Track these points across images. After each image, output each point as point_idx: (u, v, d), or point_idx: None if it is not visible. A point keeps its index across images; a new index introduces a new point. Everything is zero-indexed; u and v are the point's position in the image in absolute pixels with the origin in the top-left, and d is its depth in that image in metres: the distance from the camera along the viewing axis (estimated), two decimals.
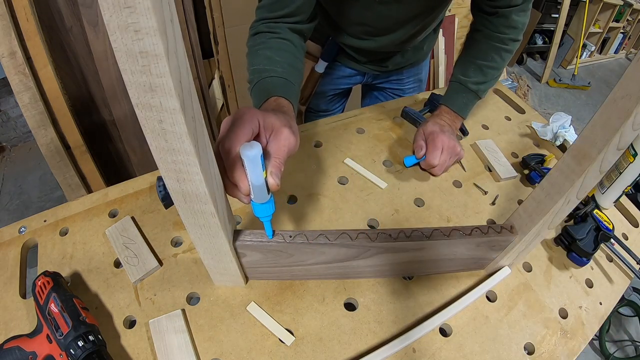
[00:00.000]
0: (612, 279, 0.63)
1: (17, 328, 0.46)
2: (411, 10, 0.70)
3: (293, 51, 0.62)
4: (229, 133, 0.38)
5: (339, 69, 0.94)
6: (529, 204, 0.48)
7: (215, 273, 0.49)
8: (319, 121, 0.80)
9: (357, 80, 0.98)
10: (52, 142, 1.28)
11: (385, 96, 1.02)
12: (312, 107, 1.06)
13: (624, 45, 4.00)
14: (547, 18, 3.05)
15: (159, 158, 0.31)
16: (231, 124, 0.39)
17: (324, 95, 1.01)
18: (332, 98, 1.03)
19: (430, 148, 0.69)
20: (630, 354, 1.45)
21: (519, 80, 3.06)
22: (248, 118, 0.39)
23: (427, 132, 0.71)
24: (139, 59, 0.24)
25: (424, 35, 0.82)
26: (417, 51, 0.90)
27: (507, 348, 0.50)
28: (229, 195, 0.41)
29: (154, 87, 0.25)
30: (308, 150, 0.72)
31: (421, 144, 0.70)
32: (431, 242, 0.47)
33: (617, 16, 3.42)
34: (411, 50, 0.88)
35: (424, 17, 0.73)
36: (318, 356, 0.46)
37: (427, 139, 0.70)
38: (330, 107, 1.07)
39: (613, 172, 0.70)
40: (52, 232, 0.56)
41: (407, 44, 0.83)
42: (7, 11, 1.11)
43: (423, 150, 0.69)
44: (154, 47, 0.23)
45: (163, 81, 0.25)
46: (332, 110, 1.08)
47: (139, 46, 0.23)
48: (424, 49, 0.92)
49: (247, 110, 0.41)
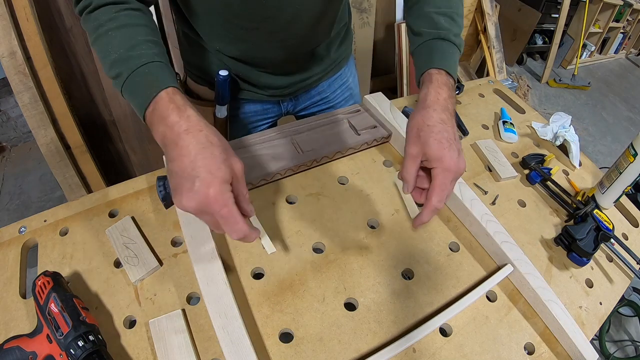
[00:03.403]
0: (612, 279, 0.63)
1: (17, 328, 0.46)
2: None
3: (150, 25, 0.50)
4: (223, 206, 0.40)
5: (244, 107, 0.80)
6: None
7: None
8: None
9: (275, 113, 0.85)
10: (52, 142, 1.28)
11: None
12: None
13: (624, 45, 4.00)
14: (547, 18, 3.05)
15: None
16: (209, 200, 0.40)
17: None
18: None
19: (435, 182, 0.46)
20: (630, 354, 1.45)
21: (519, 80, 3.06)
22: (222, 189, 0.40)
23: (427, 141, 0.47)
24: None
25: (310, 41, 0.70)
26: (315, 59, 0.76)
27: (507, 348, 0.50)
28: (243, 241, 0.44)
29: None
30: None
31: (410, 172, 0.48)
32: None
33: (617, 16, 3.43)
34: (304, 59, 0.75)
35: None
36: (318, 356, 0.46)
37: (429, 155, 0.47)
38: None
39: (613, 172, 0.70)
40: (52, 232, 0.56)
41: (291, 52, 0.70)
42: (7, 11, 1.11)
43: (411, 183, 0.48)
44: None
45: None
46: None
47: None
48: (330, 53, 0.78)
49: (213, 184, 0.40)
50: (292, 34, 0.66)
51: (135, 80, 0.45)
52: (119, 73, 0.46)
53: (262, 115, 0.84)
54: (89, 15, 0.48)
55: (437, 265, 0.57)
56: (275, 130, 0.71)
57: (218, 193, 0.40)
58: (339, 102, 0.89)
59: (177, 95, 0.45)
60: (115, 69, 0.46)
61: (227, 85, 0.72)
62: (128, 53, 0.46)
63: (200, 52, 0.72)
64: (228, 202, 0.41)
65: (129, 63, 0.45)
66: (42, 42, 1.18)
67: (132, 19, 0.48)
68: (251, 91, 0.78)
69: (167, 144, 0.43)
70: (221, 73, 0.70)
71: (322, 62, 0.79)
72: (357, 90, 0.95)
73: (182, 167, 0.41)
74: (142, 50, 0.46)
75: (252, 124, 0.85)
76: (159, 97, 0.44)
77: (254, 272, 0.53)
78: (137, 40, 0.47)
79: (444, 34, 0.57)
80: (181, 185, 0.41)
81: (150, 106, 0.44)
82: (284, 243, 0.57)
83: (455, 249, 0.60)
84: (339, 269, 0.55)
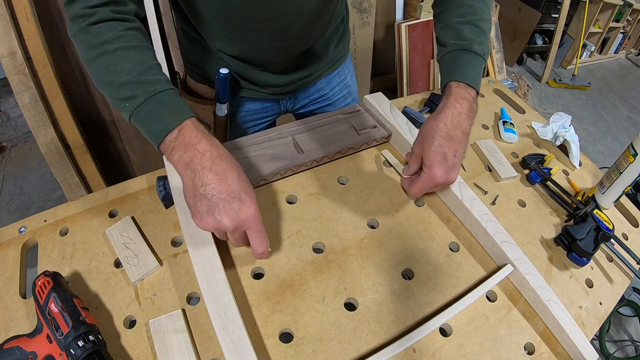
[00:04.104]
0: (612, 279, 0.63)
1: (17, 328, 0.46)
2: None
3: (153, 47, 0.50)
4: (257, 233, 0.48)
5: (244, 105, 0.81)
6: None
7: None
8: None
9: (275, 111, 0.85)
10: (52, 142, 1.28)
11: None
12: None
13: (624, 45, 4.00)
14: (547, 18, 3.05)
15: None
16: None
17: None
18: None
19: (418, 182, 0.58)
20: (630, 354, 1.45)
21: (519, 80, 3.06)
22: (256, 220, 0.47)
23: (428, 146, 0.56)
24: None
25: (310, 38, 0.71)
26: (313, 59, 0.77)
27: (507, 348, 0.50)
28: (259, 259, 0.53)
29: None
30: None
31: (411, 166, 0.60)
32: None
33: (617, 16, 3.43)
34: (303, 57, 0.75)
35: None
36: (318, 356, 0.46)
37: (425, 152, 0.56)
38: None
39: (613, 172, 0.70)
40: (52, 232, 0.56)
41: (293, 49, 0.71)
42: (7, 11, 1.11)
43: (410, 170, 0.60)
44: None
45: None
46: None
47: None
48: (328, 52, 0.78)
49: (250, 215, 0.46)
50: (293, 33, 0.66)
51: (154, 106, 0.46)
52: (133, 95, 0.46)
53: (262, 114, 0.84)
54: (90, 27, 0.45)
55: (437, 265, 0.57)
56: (275, 130, 0.71)
57: (256, 211, 0.47)
58: (337, 100, 0.90)
59: (199, 123, 0.48)
60: (128, 91, 0.46)
61: (227, 84, 0.72)
62: (142, 77, 0.46)
63: (201, 51, 0.72)
64: (261, 219, 0.48)
65: (145, 87, 0.46)
66: (42, 42, 1.18)
67: (140, 40, 0.48)
68: (251, 89, 0.78)
69: (196, 169, 0.46)
70: (221, 71, 0.70)
71: (321, 60, 0.80)
72: (355, 88, 0.95)
73: (221, 190, 0.45)
74: (155, 76, 0.47)
75: (251, 122, 0.85)
76: (185, 124, 0.47)
77: (254, 272, 0.53)
78: (149, 65, 0.47)
79: (467, 44, 0.58)
80: (219, 206, 0.45)
81: (173, 132, 0.47)
82: (284, 243, 0.57)
83: (455, 249, 0.60)
84: (339, 269, 0.55)
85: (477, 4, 0.60)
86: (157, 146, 0.49)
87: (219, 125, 0.79)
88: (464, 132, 0.57)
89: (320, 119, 0.74)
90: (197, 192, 0.46)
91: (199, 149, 0.46)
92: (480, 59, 0.59)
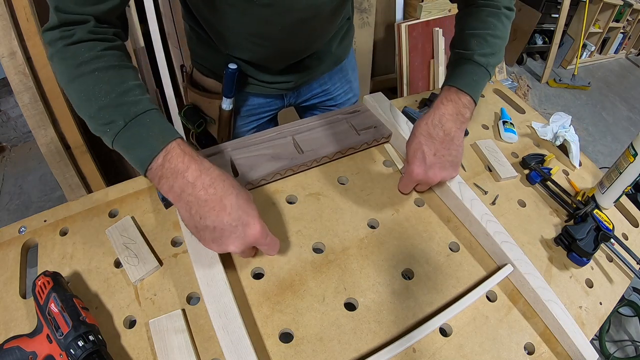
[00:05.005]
0: (612, 279, 0.63)
1: (17, 328, 0.46)
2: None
3: (135, 66, 0.47)
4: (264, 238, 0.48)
5: (249, 99, 0.82)
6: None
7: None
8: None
9: (278, 105, 0.87)
10: (52, 142, 1.28)
11: (322, 111, 0.92)
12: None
13: (624, 45, 4.00)
14: (547, 18, 3.05)
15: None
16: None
17: (245, 132, 0.87)
18: (256, 131, 0.85)
19: (401, 179, 0.63)
20: (630, 354, 1.45)
21: (519, 80, 3.06)
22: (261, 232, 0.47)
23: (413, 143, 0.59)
24: None
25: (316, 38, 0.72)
26: (316, 57, 0.78)
27: (507, 348, 0.50)
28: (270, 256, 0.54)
29: None
30: None
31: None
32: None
33: (617, 16, 3.43)
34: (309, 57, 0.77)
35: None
36: (318, 356, 0.46)
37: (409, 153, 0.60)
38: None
39: (613, 172, 0.70)
40: (52, 232, 0.56)
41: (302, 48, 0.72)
42: (7, 11, 1.11)
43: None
44: None
45: None
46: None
47: None
48: (332, 50, 0.80)
49: (255, 226, 0.46)
50: (303, 47, 0.71)
51: (135, 129, 0.42)
52: (112, 120, 0.42)
53: (265, 107, 0.85)
54: (67, 47, 0.43)
55: (437, 265, 0.57)
56: (275, 130, 0.71)
57: (261, 228, 0.47)
58: (338, 95, 0.92)
59: (186, 145, 0.44)
60: (106, 116, 0.42)
61: (235, 79, 0.73)
62: (122, 98, 0.42)
63: (209, 48, 0.73)
64: (268, 232, 0.49)
65: (125, 109, 0.42)
66: (42, 42, 1.18)
67: (121, 60, 0.45)
68: (257, 85, 0.79)
69: (190, 201, 0.44)
70: (230, 66, 0.72)
71: (327, 59, 0.82)
72: (356, 84, 0.96)
73: (222, 220, 0.44)
74: (136, 97, 0.43)
75: (255, 116, 0.86)
76: (171, 147, 0.42)
77: (254, 272, 0.53)
78: (129, 85, 0.43)
79: (469, 54, 0.60)
80: (224, 236, 0.45)
81: (159, 158, 0.42)
82: (284, 243, 0.57)
83: (455, 249, 0.60)
84: (339, 269, 0.55)
85: (492, 20, 0.61)
86: (144, 173, 0.44)
87: (224, 119, 0.80)
88: (447, 133, 0.57)
89: (320, 118, 0.74)
90: (198, 224, 0.45)
91: (188, 178, 0.43)
92: (482, 69, 0.60)
